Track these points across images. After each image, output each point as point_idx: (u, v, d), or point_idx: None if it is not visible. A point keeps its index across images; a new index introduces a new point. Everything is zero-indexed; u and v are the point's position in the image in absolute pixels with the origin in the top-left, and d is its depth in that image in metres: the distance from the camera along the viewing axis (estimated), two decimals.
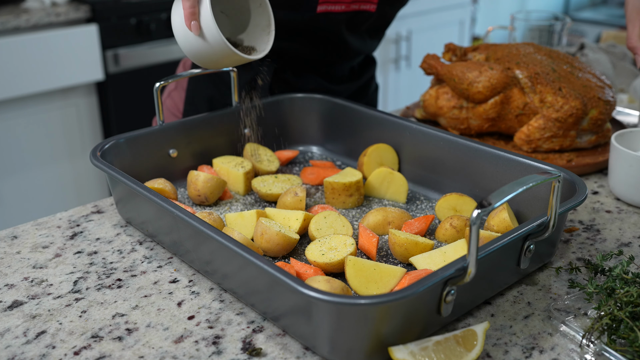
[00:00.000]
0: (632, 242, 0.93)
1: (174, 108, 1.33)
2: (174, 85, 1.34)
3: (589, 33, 4.38)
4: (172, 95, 1.33)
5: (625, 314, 0.69)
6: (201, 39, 0.91)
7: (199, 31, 0.90)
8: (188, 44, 0.94)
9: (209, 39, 0.91)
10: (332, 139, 1.20)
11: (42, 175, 2.37)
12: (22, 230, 0.97)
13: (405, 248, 0.85)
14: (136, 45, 2.44)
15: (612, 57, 1.58)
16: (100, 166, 0.92)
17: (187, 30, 0.92)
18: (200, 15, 0.90)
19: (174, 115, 1.32)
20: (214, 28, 0.89)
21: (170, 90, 1.34)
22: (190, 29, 0.91)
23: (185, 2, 0.90)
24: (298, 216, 0.92)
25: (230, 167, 1.06)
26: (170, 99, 1.34)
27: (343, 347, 0.67)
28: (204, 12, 0.90)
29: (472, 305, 0.77)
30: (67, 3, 2.34)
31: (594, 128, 1.14)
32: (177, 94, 1.33)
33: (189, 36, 0.92)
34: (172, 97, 1.33)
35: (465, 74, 1.14)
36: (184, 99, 1.31)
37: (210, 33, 0.90)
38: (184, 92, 1.31)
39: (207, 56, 0.94)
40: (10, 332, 0.75)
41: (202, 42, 0.91)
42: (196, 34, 0.91)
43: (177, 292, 0.82)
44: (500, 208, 0.89)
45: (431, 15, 3.29)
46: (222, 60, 0.95)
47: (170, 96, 1.34)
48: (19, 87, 2.20)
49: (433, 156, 1.04)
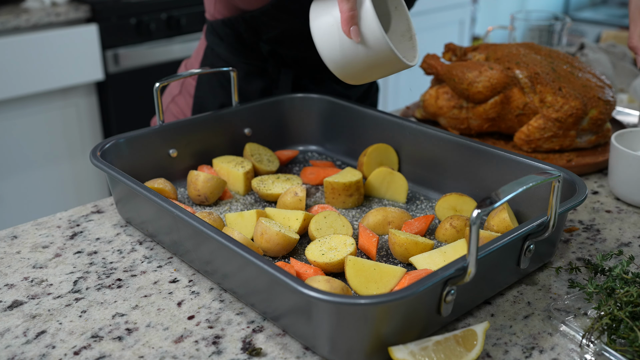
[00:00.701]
0: (632, 242, 0.93)
1: (179, 113, 1.31)
2: (177, 90, 1.32)
3: (589, 33, 4.38)
4: (177, 100, 1.31)
5: (625, 313, 0.69)
6: (361, 46, 0.80)
7: (359, 37, 0.79)
8: (339, 55, 0.81)
9: (371, 45, 0.79)
10: (332, 138, 1.20)
11: (42, 175, 2.38)
12: (22, 230, 0.97)
13: (405, 248, 0.85)
14: (136, 45, 2.44)
15: (612, 57, 1.58)
16: (100, 166, 0.92)
17: (342, 38, 0.80)
18: (361, 19, 0.79)
19: None
20: (379, 32, 0.78)
21: (174, 95, 1.32)
22: (349, 35, 0.79)
23: (343, 4, 0.78)
24: (298, 216, 0.92)
25: (230, 167, 1.06)
26: (175, 104, 1.32)
27: (343, 347, 0.67)
28: (366, 15, 0.78)
29: (472, 305, 0.77)
30: (67, 3, 2.34)
31: (594, 128, 1.14)
32: (182, 99, 1.31)
33: (345, 44, 0.80)
34: (177, 103, 1.31)
35: (465, 73, 1.14)
36: (191, 105, 1.29)
37: (374, 38, 0.78)
38: (191, 98, 1.29)
39: (363, 66, 0.82)
40: (10, 332, 0.75)
41: (362, 49, 0.80)
42: (357, 41, 0.79)
43: (177, 292, 0.82)
44: (500, 208, 0.89)
45: (431, 15, 3.29)
46: (379, 70, 0.84)
47: (175, 101, 1.32)
48: (19, 87, 2.20)
49: (433, 156, 1.04)
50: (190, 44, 2.56)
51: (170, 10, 2.48)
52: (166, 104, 1.33)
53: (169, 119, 1.33)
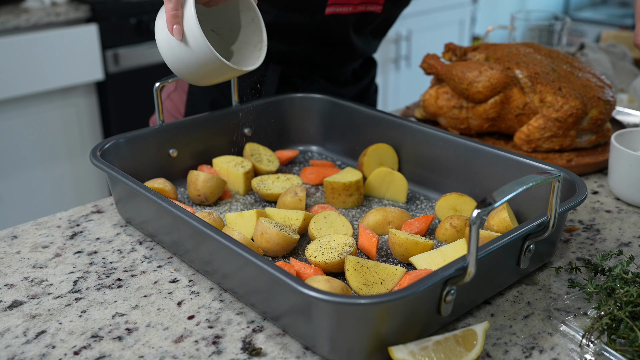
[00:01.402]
0: (632, 242, 0.93)
1: (174, 110, 1.32)
2: (173, 86, 1.33)
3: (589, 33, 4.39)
4: (172, 96, 1.33)
5: (625, 313, 0.69)
6: (184, 45, 0.83)
7: (181, 35, 0.82)
8: (169, 53, 0.85)
9: (192, 46, 0.82)
10: (332, 138, 1.20)
11: (42, 175, 2.37)
12: (22, 230, 0.97)
13: (405, 248, 0.85)
14: (136, 45, 2.44)
15: (612, 57, 1.58)
16: (100, 166, 0.92)
17: (169, 36, 0.84)
18: (184, 19, 0.82)
19: (173, 117, 1.32)
20: (197, 32, 0.81)
21: (170, 92, 1.33)
22: (172, 34, 0.83)
23: (167, 4, 0.82)
24: (298, 216, 0.92)
25: (230, 167, 1.06)
26: (170, 101, 1.33)
27: (343, 347, 0.67)
28: (187, 15, 0.82)
29: (472, 305, 0.77)
30: (67, 3, 2.34)
31: (593, 128, 1.14)
32: (177, 95, 1.32)
33: (171, 42, 0.84)
34: (172, 99, 1.33)
35: (465, 73, 1.14)
36: (184, 101, 1.30)
37: (194, 39, 0.82)
38: (185, 94, 1.30)
39: (191, 66, 0.85)
40: (10, 332, 0.75)
41: (186, 49, 0.83)
42: (178, 39, 0.83)
43: (177, 291, 0.82)
44: (500, 208, 0.89)
45: (431, 15, 3.29)
46: (209, 72, 0.87)
47: (170, 98, 1.33)
48: (19, 87, 2.20)
49: (433, 156, 1.04)
50: None
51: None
52: (162, 100, 1.34)
53: (164, 115, 1.33)
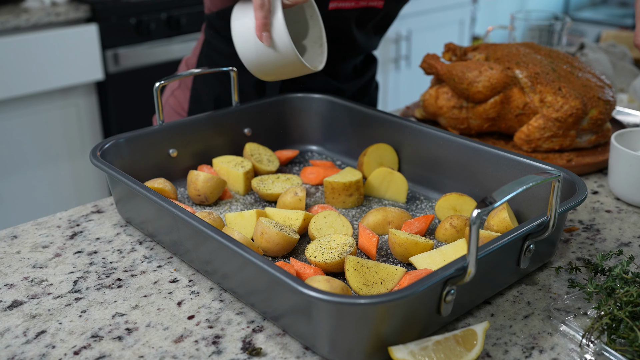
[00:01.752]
0: (632, 241, 0.93)
1: (178, 107, 1.33)
2: (177, 84, 1.34)
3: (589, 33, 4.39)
4: (176, 94, 1.33)
5: (625, 313, 0.69)
6: (271, 50, 0.89)
7: (270, 42, 0.89)
8: (253, 54, 0.91)
9: (279, 50, 0.89)
10: (332, 138, 1.20)
11: (42, 175, 2.38)
12: (22, 230, 0.97)
13: (405, 248, 0.85)
14: (136, 45, 2.44)
15: (612, 57, 1.58)
16: (100, 166, 0.92)
17: (256, 41, 0.89)
18: (273, 27, 0.88)
19: (177, 114, 1.32)
20: (287, 40, 0.87)
21: (174, 89, 1.34)
22: (261, 40, 0.89)
23: (258, 11, 0.88)
24: (298, 216, 0.92)
25: (230, 166, 1.06)
26: (174, 98, 1.33)
27: (343, 347, 0.67)
28: (276, 24, 0.88)
29: (472, 305, 0.77)
30: (67, 3, 2.34)
31: (593, 128, 1.14)
32: (180, 92, 1.33)
33: (259, 47, 0.90)
34: (176, 96, 1.33)
35: (465, 73, 1.14)
36: (188, 97, 1.31)
37: (282, 45, 0.88)
38: (189, 91, 1.31)
39: (272, 67, 0.92)
40: (10, 332, 0.75)
41: (272, 53, 0.89)
42: (267, 45, 0.89)
43: (177, 291, 0.82)
44: (500, 208, 0.89)
45: (431, 15, 3.29)
46: (286, 72, 0.93)
47: (174, 95, 1.34)
48: (19, 87, 2.20)
49: (433, 156, 1.04)
50: (190, 43, 2.56)
51: (170, 10, 2.48)
52: (166, 98, 1.35)
53: (167, 113, 1.34)
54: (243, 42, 0.91)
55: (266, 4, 0.87)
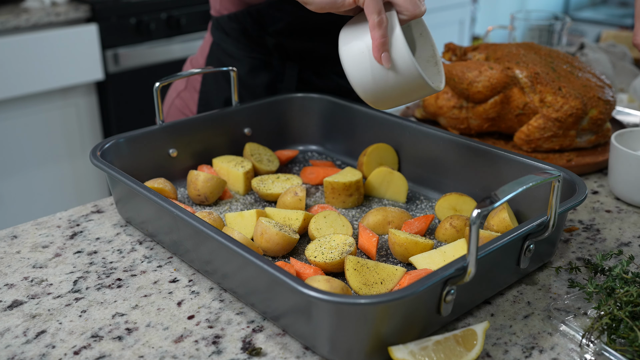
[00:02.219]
0: (632, 241, 0.93)
1: (184, 108, 1.32)
2: (183, 85, 1.33)
3: (589, 33, 4.39)
4: (182, 95, 1.33)
5: (625, 313, 0.69)
6: (392, 72, 0.80)
7: (390, 63, 0.80)
8: (370, 80, 0.82)
9: (401, 71, 0.80)
10: (332, 138, 1.20)
11: (42, 175, 2.38)
12: (22, 230, 0.97)
13: (405, 248, 0.85)
14: (136, 45, 2.44)
15: (612, 57, 1.58)
16: (100, 166, 0.92)
17: (373, 62, 0.80)
18: (392, 46, 0.80)
19: (184, 115, 1.32)
20: (409, 58, 0.79)
21: (180, 91, 1.34)
22: (380, 61, 0.80)
23: (375, 30, 0.79)
24: (298, 216, 0.92)
25: (230, 166, 1.06)
26: (180, 99, 1.33)
27: (343, 347, 0.67)
28: (396, 43, 0.79)
29: (472, 305, 0.77)
30: (67, 3, 2.34)
31: (593, 128, 1.14)
32: (187, 94, 1.32)
33: (376, 69, 0.81)
34: (182, 98, 1.33)
35: (465, 73, 1.14)
36: (196, 99, 1.30)
37: (404, 64, 0.79)
38: (196, 92, 1.30)
39: (393, 91, 0.83)
40: (10, 332, 0.75)
41: (392, 75, 0.81)
42: (387, 66, 0.80)
43: (177, 291, 0.82)
44: (500, 208, 0.89)
45: (431, 15, 3.29)
46: (409, 95, 0.84)
47: (180, 96, 1.33)
48: (19, 87, 2.20)
49: (433, 156, 1.04)
50: (190, 43, 2.56)
51: (170, 10, 2.48)
52: (171, 99, 1.35)
53: (173, 114, 1.34)
54: (358, 68, 0.82)
55: (384, 21, 0.79)
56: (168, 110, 1.36)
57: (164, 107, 1.38)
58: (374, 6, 0.78)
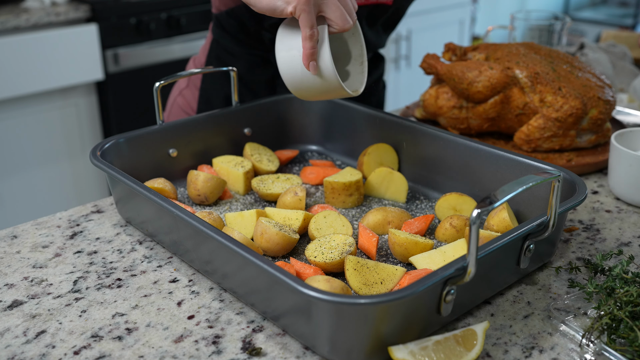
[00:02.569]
0: (632, 241, 0.93)
1: (186, 106, 1.33)
2: (184, 83, 1.34)
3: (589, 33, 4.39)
4: (184, 93, 1.34)
5: (625, 313, 0.69)
6: (317, 77, 0.92)
7: (316, 71, 0.91)
8: (298, 81, 0.94)
9: (324, 78, 0.92)
10: (332, 138, 1.20)
11: (42, 175, 2.38)
12: (22, 230, 0.97)
13: (405, 248, 0.85)
14: (136, 45, 2.44)
15: (612, 57, 1.58)
16: (100, 166, 0.92)
17: (303, 69, 0.92)
18: (319, 57, 0.91)
19: (186, 113, 1.33)
20: (331, 70, 0.90)
21: (182, 89, 1.34)
22: (308, 69, 0.91)
23: (307, 41, 0.89)
24: (298, 216, 0.92)
25: (230, 166, 1.06)
26: (182, 97, 1.34)
27: (343, 347, 0.67)
28: (323, 54, 0.90)
29: (472, 305, 0.77)
30: (67, 3, 2.34)
31: (593, 128, 1.14)
32: (189, 92, 1.33)
33: (304, 74, 0.93)
34: (184, 96, 1.33)
35: (465, 73, 1.14)
36: (197, 97, 1.31)
37: (327, 73, 0.91)
38: (197, 90, 1.31)
39: (314, 92, 0.95)
40: (10, 332, 0.75)
41: (317, 80, 0.92)
42: (314, 74, 0.92)
43: (177, 291, 0.82)
44: (500, 208, 0.89)
45: (431, 14, 3.29)
46: (327, 95, 0.96)
47: (182, 94, 1.34)
48: (19, 87, 2.20)
49: (433, 156, 1.04)
50: (191, 43, 2.56)
51: (170, 10, 2.48)
52: (174, 97, 1.36)
53: (175, 112, 1.34)
54: (289, 69, 0.93)
55: (315, 35, 0.89)
56: (170, 108, 1.36)
57: (166, 105, 1.39)
58: (308, 21, 0.87)
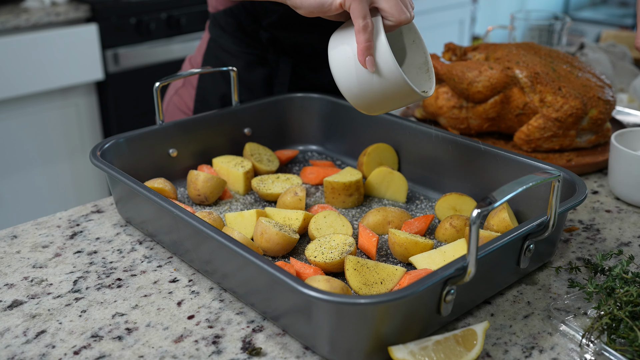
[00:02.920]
0: (632, 241, 0.93)
1: (182, 105, 1.33)
2: (180, 82, 1.34)
3: (589, 33, 4.39)
4: (180, 92, 1.34)
5: (625, 313, 0.69)
6: (376, 76, 0.82)
7: (374, 67, 0.81)
8: (355, 84, 0.84)
9: (385, 76, 0.81)
10: (332, 138, 1.20)
11: (42, 175, 2.38)
12: (22, 229, 0.97)
13: (405, 248, 0.85)
14: (136, 44, 2.44)
15: (612, 57, 1.58)
16: (100, 166, 0.92)
17: (358, 66, 0.82)
18: (377, 50, 0.81)
19: (182, 113, 1.33)
20: (392, 63, 0.80)
21: (178, 88, 1.34)
22: (365, 65, 0.81)
23: (360, 34, 0.80)
24: (298, 216, 0.92)
25: (230, 166, 1.06)
26: (178, 96, 1.34)
27: (343, 347, 0.67)
28: (380, 47, 0.80)
29: (472, 305, 0.77)
30: (67, 3, 2.34)
31: (593, 128, 1.14)
32: (185, 91, 1.33)
33: (360, 73, 0.82)
34: (180, 95, 1.33)
35: (465, 73, 1.14)
36: (193, 96, 1.31)
37: (388, 69, 0.80)
38: (194, 89, 1.31)
39: (378, 95, 0.84)
40: (10, 332, 0.75)
41: (377, 79, 0.82)
42: (372, 70, 0.81)
43: (177, 291, 0.82)
44: (500, 208, 0.89)
45: (431, 14, 3.29)
46: (394, 101, 0.85)
47: (178, 93, 1.34)
48: (19, 87, 2.20)
49: (433, 156, 1.04)
50: (190, 43, 2.56)
51: (170, 10, 2.48)
52: (169, 96, 1.36)
53: (172, 111, 1.34)
54: (343, 72, 0.83)
55: (370, 25, 0.80)
56: (166, 107, 1.36)
57: (163, 104, 1.39)
58: (360, 11, 0.79)
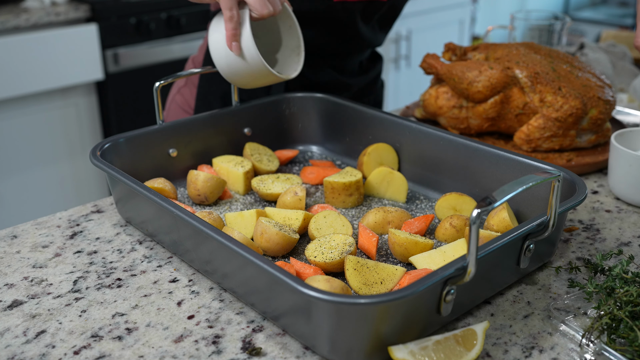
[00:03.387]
0: (632, 241, 0.93)
1: (184, 104, 1.33)
2: (183, 81, 1.34)
3: (589, 32, 4.39)
4: (182, 91, 1.34)
5: (625, 313, 0.69)
6: (240, 59, 0.97)
7: (239, 52, 0.96)
8: (225, 63, 0.99)
9: (248, 60, 0.96)
10: (331, 138, 1.20)
11: (42, 175, 2.38)
12: (22, 229, 0.97)
13: (405, 247, 0.85)
14: (136, 44, 2.44)
15: (612, 57, 1.58)
16: (100, 166, 0.92)
17: (227, 50, 0.97)
18: (241, 37, 0.96)
19: (184, 111, 1.33)
20: (253, 50, 0.95)
21: (180, 87, 1.35)
22: (231, 49, 0.96)
23: (228, 23, 0.95)
24: (298, 216, 0.92)
25: (230, 166, 1.06)
26: (180, 95, 1.34)
27: (343, 347, 0.67)
28: (245, 35, 0.95)
29: (472, 305, 0.77)
30: (67, 2, 2.34)
31: (593, 127, 1.14)
32: (187, 90, 1.33)
33: (229, 56, 0.98)
34: (182, 94, 1.34)
35: (465, 73, 1.14)
36: (195, 95, 1.31)
37: (249, 54, 0.96)
38: (195, 88, 1.31)
39: (243, 75, 0.99)
40: (10, 332, 0.75)
41: (241, 62, 0.97)
42: (236, 54, 0.96)
43: (177, 291, 0.82)
44: (500, 207, 0.89)
45: (431, 14, 3.29)
46: (258, 80, 1.00)
47: (180, 92, 1.34)
48: (19, 86, 2.20)
49: (433, 156, 1.04)
50: (190, 43, 2.56)
51: (170, 10, 2.48)
52: (172, 95, 1.36)
53: (174, 110, 1.34)
54: (217, 54, 0.99)
55: (235, 16, 0.94)
56: (169, 106, 1.37)
57: (165, 103, 1.39)
58: (227, 3, 0.94)
